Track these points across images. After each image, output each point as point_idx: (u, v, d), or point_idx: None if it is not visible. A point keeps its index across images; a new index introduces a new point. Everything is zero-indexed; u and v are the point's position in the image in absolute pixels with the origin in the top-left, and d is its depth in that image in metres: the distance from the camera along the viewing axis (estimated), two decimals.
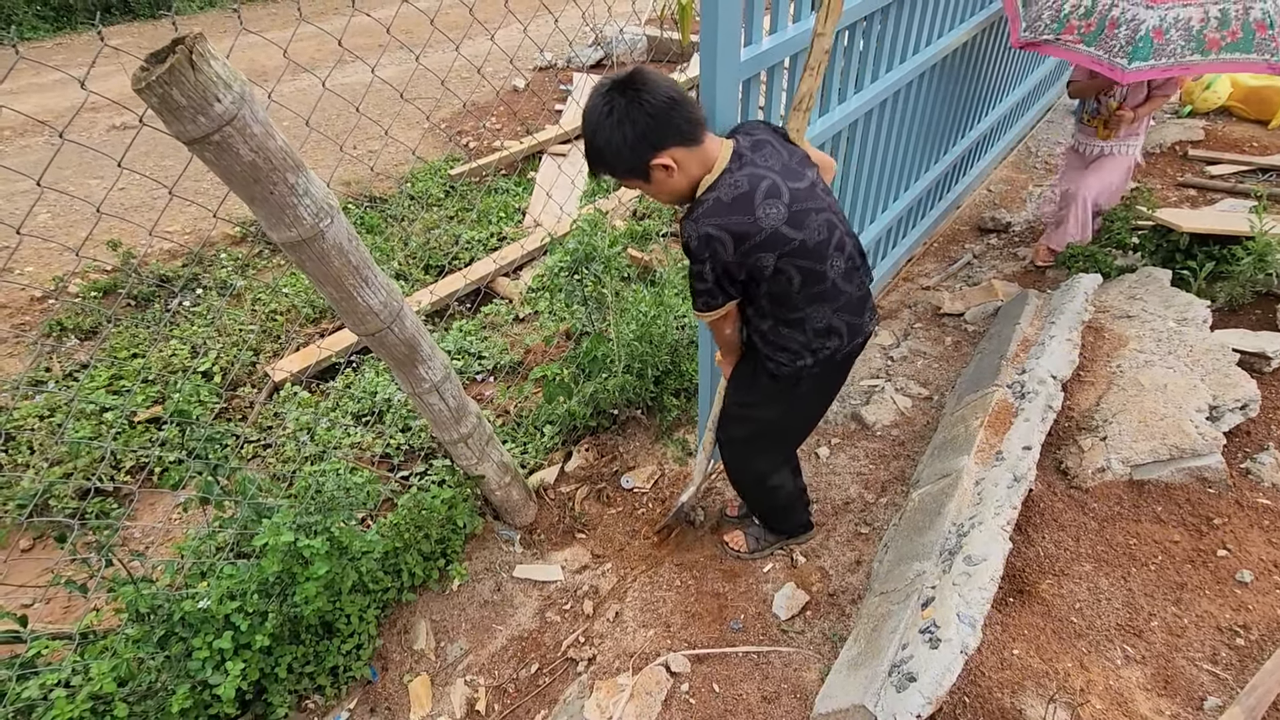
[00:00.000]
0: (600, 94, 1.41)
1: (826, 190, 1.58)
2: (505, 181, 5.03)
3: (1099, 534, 1.92)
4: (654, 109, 1.37)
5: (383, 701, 2.16)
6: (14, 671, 1.62)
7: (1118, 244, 3.21)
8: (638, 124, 1.37)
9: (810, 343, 1.64)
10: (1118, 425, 2.22)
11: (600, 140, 1.42)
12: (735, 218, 1.42)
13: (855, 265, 1.63)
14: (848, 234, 1.60)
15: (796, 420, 1.99)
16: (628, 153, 1.41)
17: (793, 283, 1.52)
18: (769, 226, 1.43)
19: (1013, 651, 1.62)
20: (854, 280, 1.63)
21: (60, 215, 4.49)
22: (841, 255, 1.57)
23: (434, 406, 2.01)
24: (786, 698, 1.87)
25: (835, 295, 1.58)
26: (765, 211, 1.43)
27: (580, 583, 2.48)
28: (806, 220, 1.47)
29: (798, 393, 1.80)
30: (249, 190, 1.31)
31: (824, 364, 1.69)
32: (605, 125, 1.39)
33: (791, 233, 1.45)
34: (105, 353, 3.44)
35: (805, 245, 1.48)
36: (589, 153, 1.47)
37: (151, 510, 2.94)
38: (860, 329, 1.69)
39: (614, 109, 1.38)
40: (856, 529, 2.42)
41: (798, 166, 1.52)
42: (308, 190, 1.38)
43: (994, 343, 2.83)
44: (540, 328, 3.60)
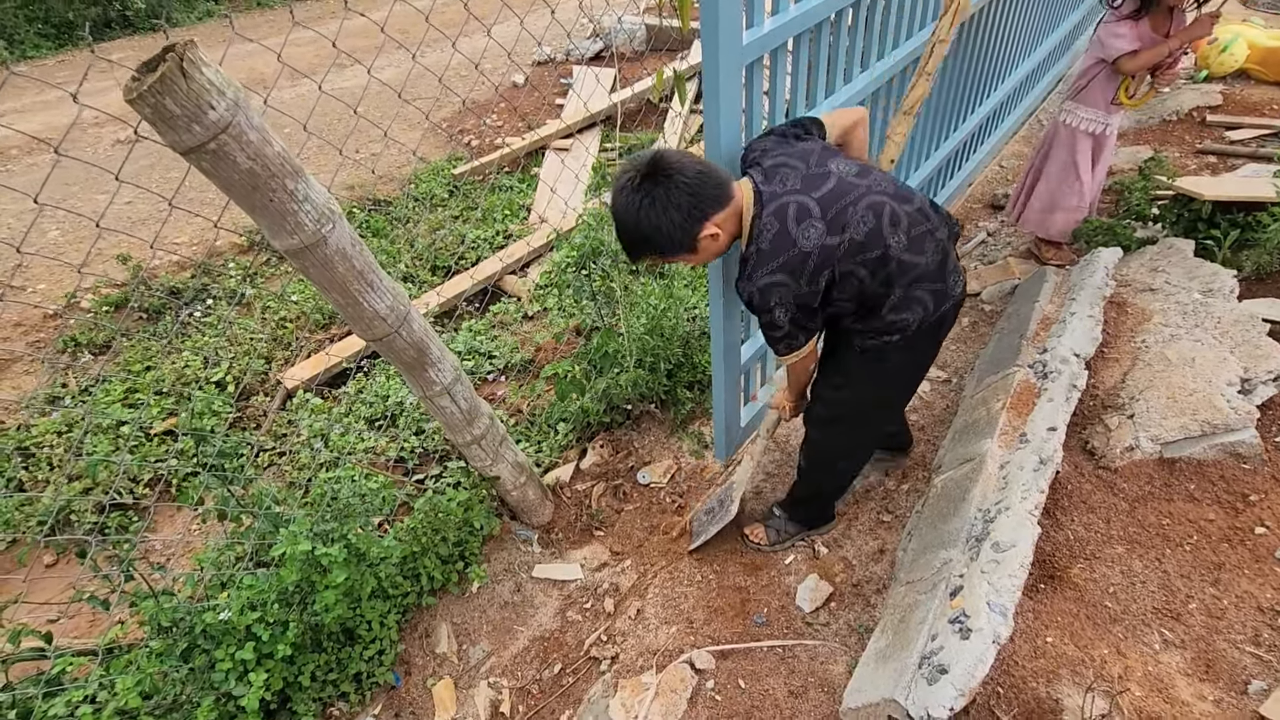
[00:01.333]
0: (631, 186, 1.47)
1: (859, 171, 1.55)
2: (509, 179, 5.00)
3: (1130, 515, 1.87)
4: (691, 186, 1.45)
5: (407, 706, 2.15)
6: (40, 689, 1.63)
7: (1137, 215, 3.13)
8: (681, 205, 1.45)
9: (894, 320, 1.62)
10: (1145, 402, 2.16)
11: (647, 228, 1.48)
12: (781, 258, 1.48)
13: (923, 231, 1.55)
14: (901, 202, 1.54)
15: (886, 396, 1.94)
16: (679, 233, 1.48)
17: (860, 278, 1.54)
18: (814, 247, 1.47)
19: (1046, 639, 1.58)
20: (925, 247, 1.56)
21: (70, 231, 4.51)
22: (899, 229, 1.52)
23: (446, 409, 1.99)
24: (814, 691, 1.85)
25: (908, 269, 1.55)
26: (805, 236, 1.47)
27: (600, 580, 2.46)
28: (846, 219, 1.48)
29: (885, 368, 1.76)
30: (249, 199, 1.28)
31: (910, 337, 1.66)
32: (651, 214, 1.46)
33: (836, 239, 1.48)
34: (119, 367, 3.46)
35: (855, 241, 1.49)
36: (634, 243, 1.54)
37: (171, 522, 2.95)
38: (946, 294, 1.64)
39: (654, 197, 1.45)
40: (879, 517, 2.38)
41: (817, 169, 1.53)
42: (308, 196, 1.35)
43: (1013, 322, 2.77)
44: (550, 325, 3.58)
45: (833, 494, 2.27)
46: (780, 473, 2.66)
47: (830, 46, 2.10)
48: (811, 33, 1.95)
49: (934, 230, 1.58)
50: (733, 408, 2.52)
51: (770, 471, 2.68)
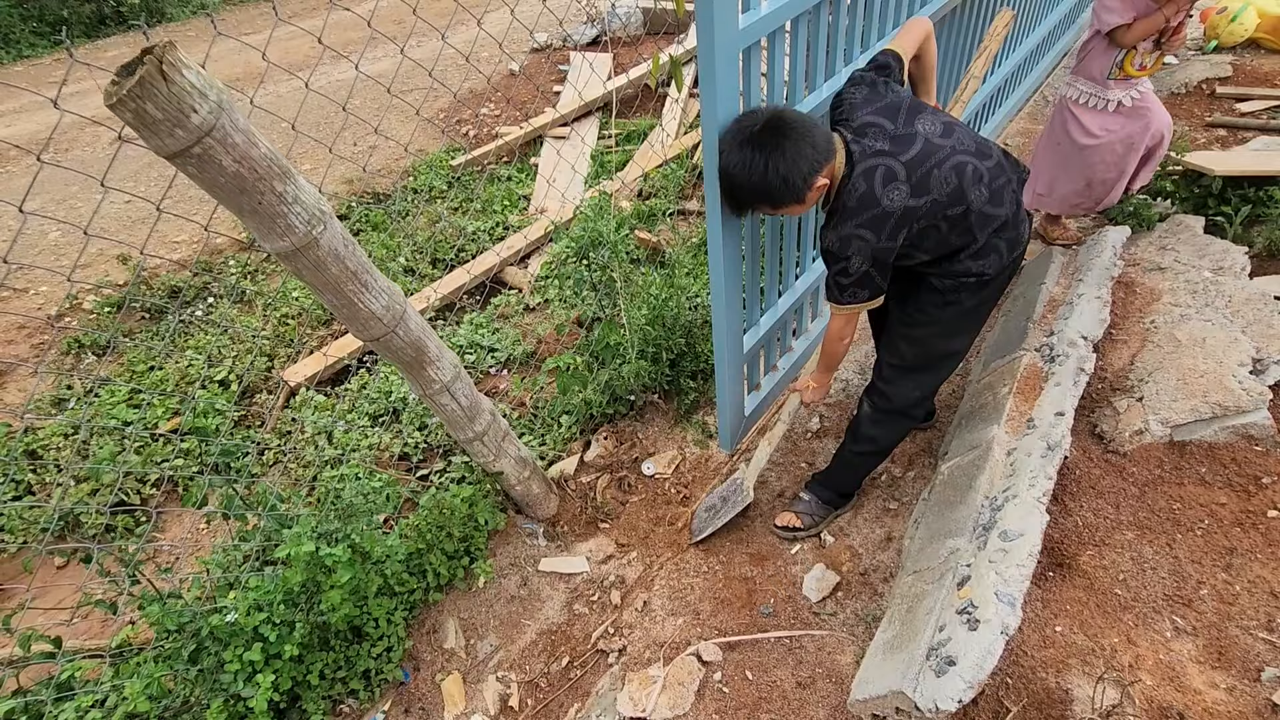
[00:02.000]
0: (754, 141, 1.52)
1: (943, 130, 1.62)
2: (507, 169, 4.95)
3: (1140, 500, 1.85)
4: (813, 138, 1.52)
5: (416, 702, 2.16)
6: (50, 694, 1.64)
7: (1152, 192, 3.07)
8: (806, 155, 1.51)
9: (971, 266, 1.71)
10: (1155, 384, 2.13)
11: (774, 179, 1.53)
12: (865, 214, 1.56)
13: (1003, 183, 1.65)
14: (981, 158, 1.62)
15: (955, 340, 1.95)
16: (801, 183, 1.53)
17: (941, 230, 1.63)
18: (898, 208, 1.55)
19: (1055, 629, 1.57)
20: (1003, 199, 1.65)
21: (70, 233, 4.50)
22: (981, 184, 1.61)
23: (446, 407, 1.98)
24: (822, 682, 1.84)
25: (987, 221, 1.65)
26: (890, 198, 1.55)
27: (606, 573, 2.45)
28: (930, 181, 1.56)
29: (960, 309, 1.81)
30: (236, 202, 1.26)
31: (985, 280, 1.74)
32: (780, 164, 1.51)
33: (920, 201, 1.56)
34: (123, 367, 3.46)
35: (939, 202, 1.58)
36: (753, 194, 1.59)
37: (180, 522, 2.96)
38: (1018, 241, 1.74)
39: (783, 149, 1.50)
40: (885, 504, 2.37)
41: (905, 130, 1.59)
42: (297, 198, 1.33)
43: (1019, 305, 2.73)
44: (551, 316, 3.55)
45: (884, 454, 2.26)
46: (786, 462, 2.65)
47: (829, 27, 2.05)
48: (809, 14, 1.91)
49: (1010, 181, 1.67)
50: (736, 397, 2.49)
51: (776, 461, 2.67)
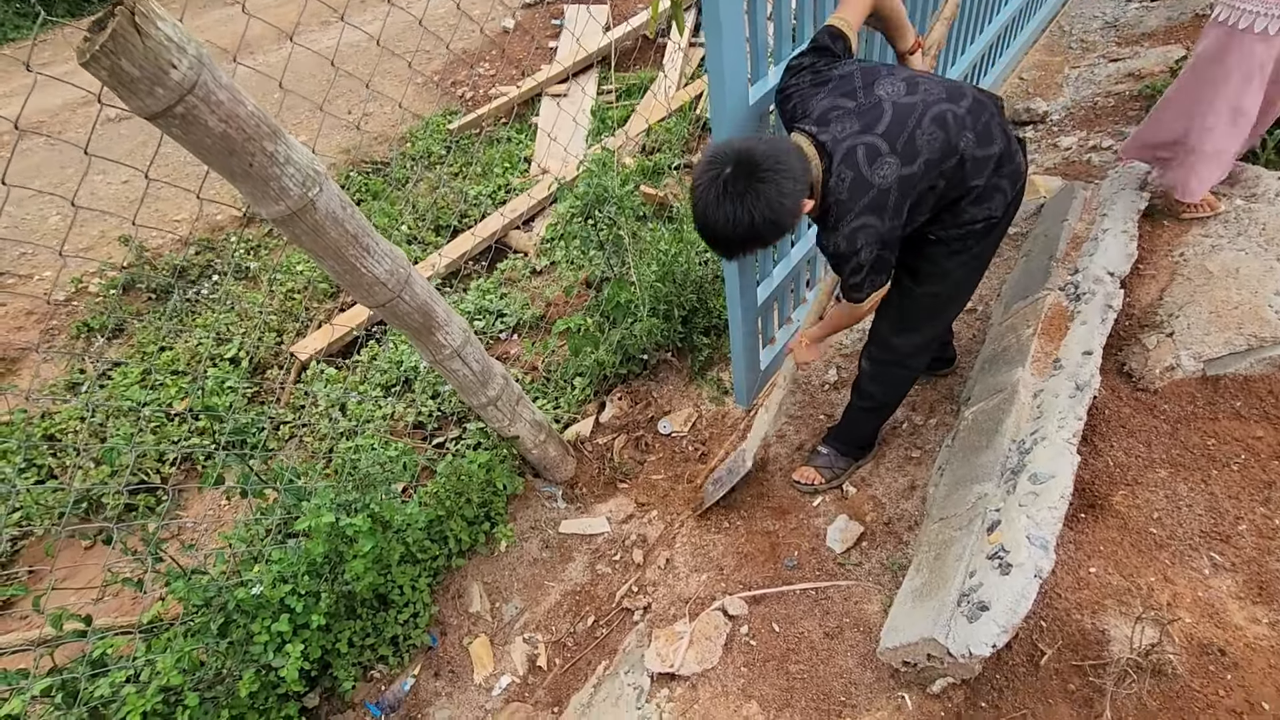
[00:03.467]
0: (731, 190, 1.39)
1: (907, 87, 1.50)
2: (506, 130, 4.83)
3: (1172, 437, 1.80)
4: (790, 170, 1.40)
5: (445, 665, 2.18)
6: (85, 670, 1.65)
7: None
8: (789, 192, 1.40)
9: (976, 213, 1.61)
10: (1186, 318, 2.06)
11: (763, 226, 1.41)
12: (861, 201, 1.46)
13: (985, 120, 1.53)
14: (956, 100, 1.51)
15: (963, 287, 1.88)
16: (789, 220, 1.43)
17: (939, 188, 1.53)
18: (890, 183, 1.45)
19: (1089, 569, 1.54)
20: (992, 135, 1.54)
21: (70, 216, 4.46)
22: (966, 128, 1.50)
23: (458, 372, 1.95)
24: (850, 632, 1.83)
25: (983, 164, 1.55)
26: (880, 175, 1.45)
27: (627, 533, 2.45)
28: (916, 144, 1.46)
29: (967, 256, 1.72)
30: (226, 165, 1.21)
31: (994, 222, 1.65)
32: (767, 211, 1.39)
33: (912, 167, 1.46)
34: (134, 349, 3.45)
35: (930, 161, 1.47)
36: (744, 242, 1.46)
37: (200, 499, 2.98)
38: (1018, 174, 1.63)
39: (763, 195, 1.38)
40: (907, 453, 2.33)
41: (867, 101, 1.48)
42: (289, 158, 1.27)
43: (1040, 243, 2.64)
44: (559, 278, 3.50)
45: (893, 405, 2.20)
46: (804, 414, 2.61)
47: None
48: None
49: (993, 116, 1.56)
50: (751, 351, 2.44)
51: (793, 414, 2.63)
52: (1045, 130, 3.62)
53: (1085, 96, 3.72)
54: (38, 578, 2.59)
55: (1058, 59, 4.20)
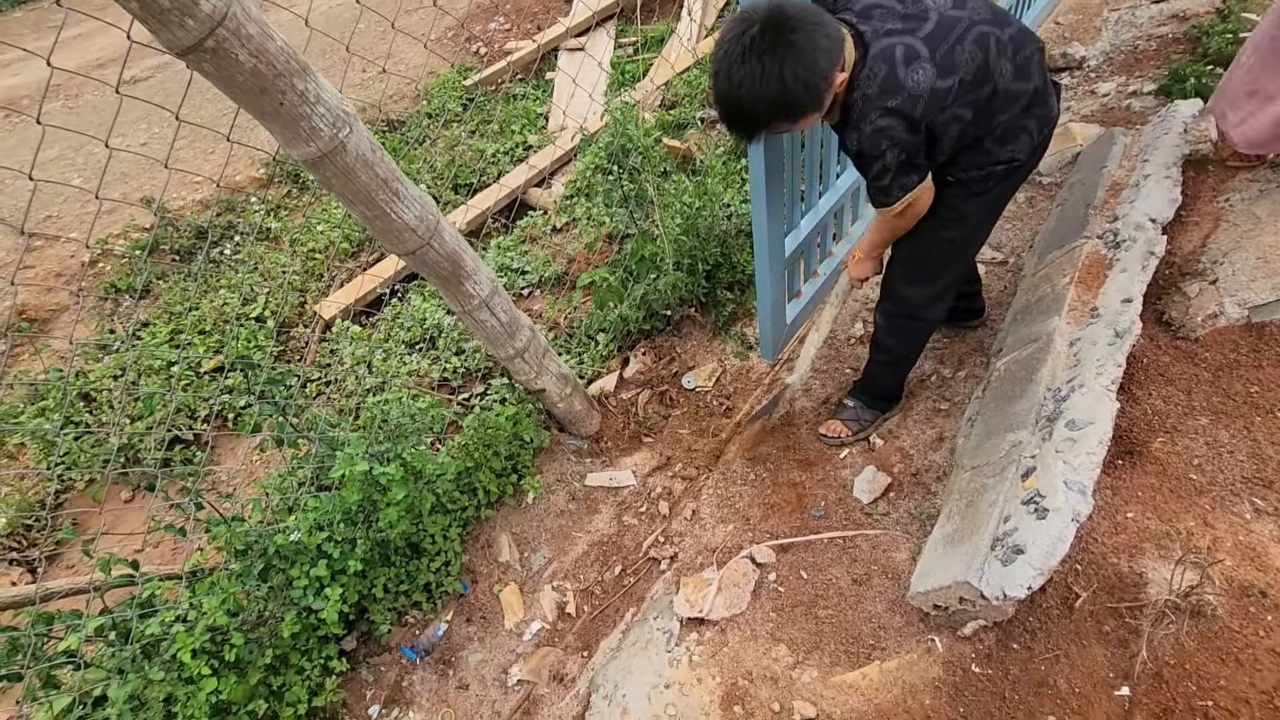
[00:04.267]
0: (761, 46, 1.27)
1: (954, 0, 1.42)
2: (522, 86, 4.75)
3: (1214, 385, 1.76)
4: (825, 27, 1.29)
5: (477, 612, 2.24)
6: (135, 611, 1.71)
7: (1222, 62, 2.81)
8: (824, 49, 1.29)
9: (999, 153, 1.55)
10: (1230, 265, 2.00)
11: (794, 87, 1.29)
12: (890, 101, 1.37)
13: (1028, 54, 1.46)
14: (1002, 26, 1.44)
15: (973, 235, 1.83)
16: (822, 85, 1.33)
17: (964, 118, 1.46)
18: (923, 90, 1.37)
19: (1126, 515, 1.52)
20: (1030, 71, 1.47)
21: (93, 179, 4.48)
22: (1005, 57, 1.43)
23: (486, 323, 1.94)
24: (878, 579, 1.84)
25: (1014, 99, 1.48)
26: (914, 79, 1.36)
27: (653, 485, 2.47)
28: (955, 57, 1.38)
29: (984, 200, 1.67)
30: (257, 104, 1.19)
31: (1016, 165, 1.59)
32: (797, 69, 1.28)
33: (947, 82, 1.38)
34: (161, 309, 3.49)
35: (964, 83, 1.40)
36: (771, 110, 1.35)
37: (233, 453, 3.04)
38: (1049, 118, 1.56)
39: (796, 47, 1.27)
40: (935, 405, 2.31)
41: (914, 7, 1.41)
42: (319, 97, 1.26)
43: (1077, 192, 2.56)
44: (580, 235, 3.46)
45: (913, 357, 2.16)
46: (830, 369, 2.59)
47: None
48: None
49: (1035, 52, 1.48)
50: (778, 305, 2.42)
51: (819, 368, 2.61)
52: (1082, 76, 3.49)
53: (1125, 40, 3.57)
54: (82, 528, 2.67)
55: (1096, 1, 4.03)
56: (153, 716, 1.65)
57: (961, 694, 1.47)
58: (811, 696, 1.63)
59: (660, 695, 1.77)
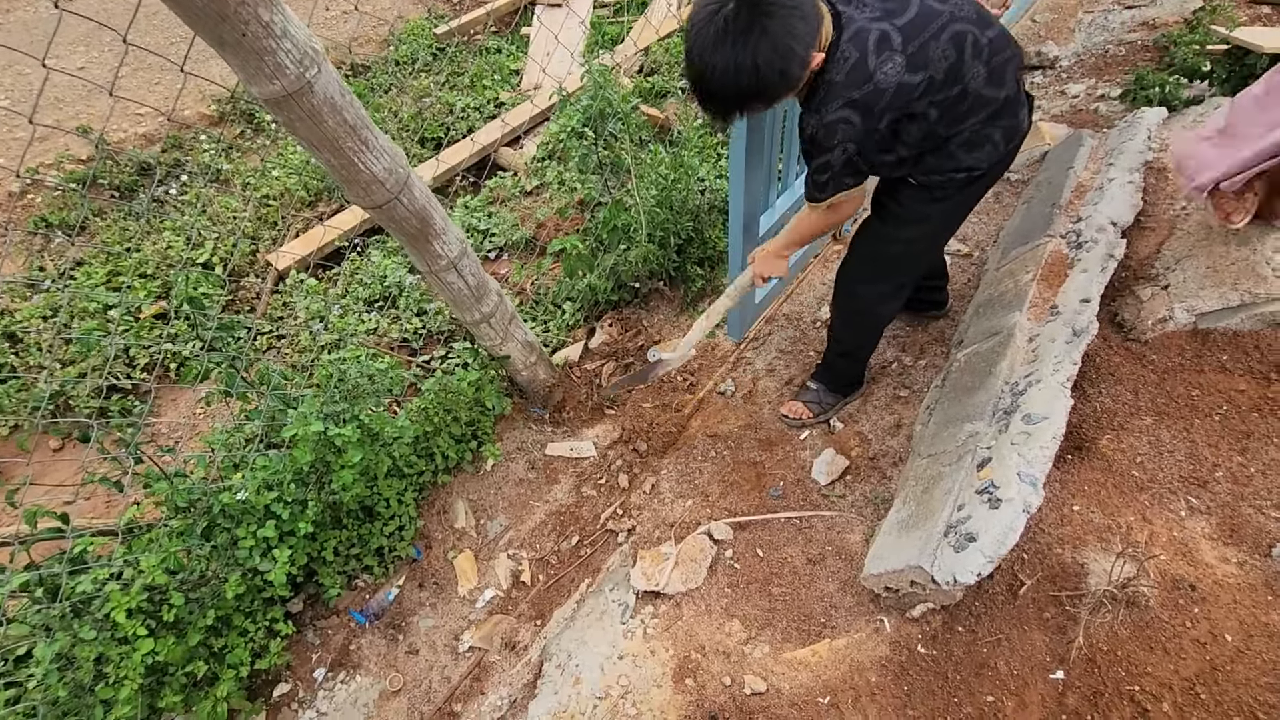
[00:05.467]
0: (735, 26, 1.19)
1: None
2: (496, 40, 4.58)
3: (1159, 386, 1.84)
4: (802, 7, 1.22)
5: (430, 577, 2.21)
6: (65, 568, 1.62)
7: (1187, 72, 2.89)
8: (799, 32, 1.22)
9: (961, 160, 1.51)
10: (1182, 272, 2.07)
11: (768, 71, 1.23)
12: (854, 92, 1.32)
13: (1005, 59, 1.41)
14: (983, 27, 1.38)
15: (937, 236, 1.81)
16: (798, 69, 1.26)
17: (929, 117, 1.41)
18: (890, 84, 1.32)
19: (1073, 507, 1.59)
20: (1004, 77, 1.42)
21: (21, 101, 4.14)
22: (980, 60, 1.37)
23: (453, 285, 1.88)
24: (832, 559, 1.88)
25: (982, 105, 1.43)
26: (883, 71, 1.31)
27: (613, 458, 2.46)
28: (928, 53, 1.33)
29: (943, 207, 1.64)
30: (216, 31, 1.10)
31: (976, 175, 1.55)
32: (773, 53, 1.21)
33: (916, 77, 1.33)
34: (98, 248, 3.28)
35: (934, 80, 1.36)
36: (748, 94, 1.28)
37: (174, 406, 2.91)
38: (1016, 130, 1.52)
39: (771, 32, 1.20)
40: (895, 392, 2.35)
41: None
42: (286, 31, 1.17)
43: (1043, 190, 2.62)
44: (551, 199, 3.38)
45: (868, 348, 2.18)
46: (794, 349, 2.61)
47: None
48: None
49: (1012, 58, 1.44)
50: None
51: (784, 349, 2.63)
52: (1054, 76, 3.55)
53: (1097, 43, 3.64)
54: (5, 476, 2.52)
55: (1072, 2, 4.08)
56: (82, 676, 1.58)
57: (906, 673, 1.52)
58: (762, 671, 1.66)
59: (614, 666, 1.78)
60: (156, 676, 1.68)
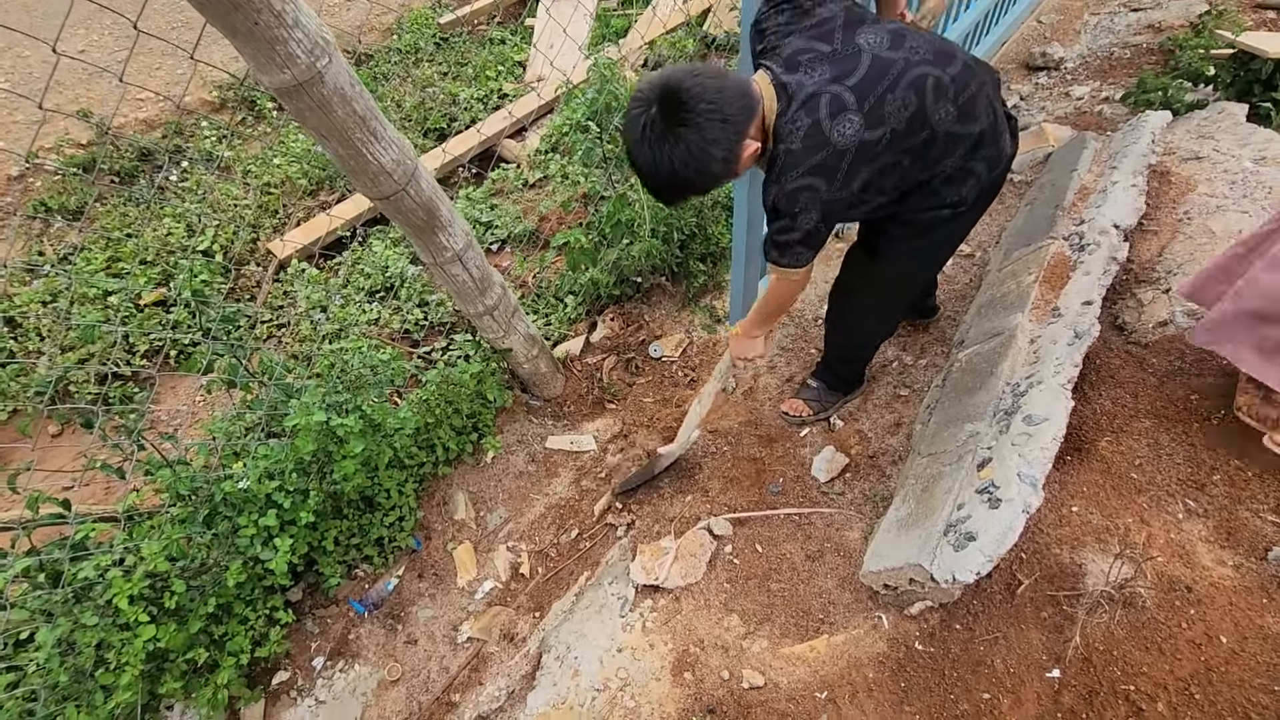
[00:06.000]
0: (652, 135, 1.25)
1: (891, 39, 1.33)
2: (500, 30, 4.55)
3: (1158, 390, 1.85)
4: (720, 110, 1.24)
5: (429, 568, 2.21)
6: (67, 554, 1.63)
7: (1191, 76, 2.90)
8: (718, 139, 1.25)
9: (943, 196, 1.49)
10: (1184, 276, 2.08)
11: (689, 175, 1.28)
12: (814, 158, 1.30)
13: (973, 93, 1.38)
14: (944, 65, 1.34)
15: (925, 267, 1.81)
16: (721, 167, 1.29)
17: (903, 165, 1.40)
18: (850, 145, 1.29)
19: (1071, 508, 1.60)
20: (977, 110, 1.39)
21: (21, 84, 4.11)
22: (945, 99, 1.34)
23: (457, 277, 1.88)
24: (830, 556, 1.89)
25: (957, 143, 1.40)
26: (840, 132, 1.29)
27: (613, 452, 2.47)
28: (885, 106, 1.30)
29: (929, 240, 1.63)
30: (229, 20, 1.10)
31: (961, 209, 1.54)
32: (690, 159, 1.26)
33: (876, 133, 1.30)
34: (98, 234, 3.27)
35: (897, 132, 1.32)
36: (676, 190, 1.35)
37: (174, 393, 2.90)
38: (999, 158, 1.49)
39: (686, 141, 1.24)
40: (895, 391, 2.36)
41: (845, 49, 1.32)
42: (298, 20, 1.16)
43: (1046, 192, 2.62)
44: (553, 192, 3.38)
45: (865, 357, 2.22)
46: (795, 347, 2.62)
47: None
48: None
49: (982, 87, 1.40)
50: (752, 279, 2.42)
51: (785, 346, 2.63)
52: (1059, 77, 3.55)
53: (1102, 45, 3.64)
54: (4, 460, 2.52)
55: (1078, 3, 4.08)
56: (83, 661, 1.58)
57: (904, 669, 1.54)
58: (760, 666, 1.68)
59: (613, 659, 1.79)
60: (157, 663, 1.69)
